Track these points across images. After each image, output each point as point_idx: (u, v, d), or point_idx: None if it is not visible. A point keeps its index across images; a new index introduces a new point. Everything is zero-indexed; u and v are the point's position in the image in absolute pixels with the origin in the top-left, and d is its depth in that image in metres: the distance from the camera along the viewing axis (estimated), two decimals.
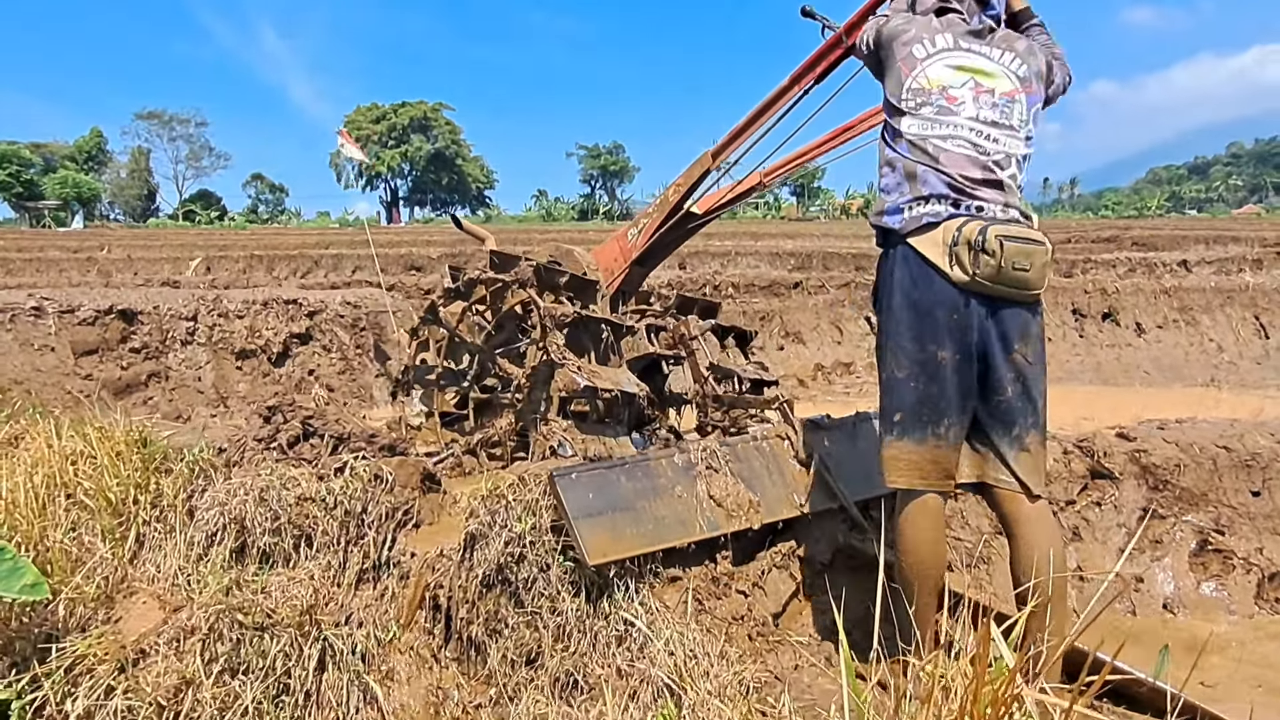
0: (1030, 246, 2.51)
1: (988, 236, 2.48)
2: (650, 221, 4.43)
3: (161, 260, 17.44)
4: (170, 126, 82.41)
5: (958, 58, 2.74)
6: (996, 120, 2.69)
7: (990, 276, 2.50)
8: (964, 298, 2.59)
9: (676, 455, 3.44)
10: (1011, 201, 2.64)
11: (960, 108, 2.68)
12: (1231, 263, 16.77)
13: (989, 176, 2.63)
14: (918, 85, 2.74)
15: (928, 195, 2.64)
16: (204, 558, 3.47)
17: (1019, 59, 2.77)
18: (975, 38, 2.78)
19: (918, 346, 2.66)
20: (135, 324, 6.17)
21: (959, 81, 2.70)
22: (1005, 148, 2.67)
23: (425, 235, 27.14)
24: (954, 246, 2.54)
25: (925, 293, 2.62)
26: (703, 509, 3.33)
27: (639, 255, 4.49)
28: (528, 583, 3.37)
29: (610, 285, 4.55)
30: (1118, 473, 4.42)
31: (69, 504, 3.65)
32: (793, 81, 3.83)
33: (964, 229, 2.53)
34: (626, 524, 3.18)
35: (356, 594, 3.46)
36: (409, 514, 3.68)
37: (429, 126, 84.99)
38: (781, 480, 3.57)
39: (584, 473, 3.25)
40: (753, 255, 16.80)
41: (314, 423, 3.88)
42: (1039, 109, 2.79)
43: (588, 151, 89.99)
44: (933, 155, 2.66)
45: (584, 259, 4.63)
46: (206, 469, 3.71)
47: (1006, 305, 2.60)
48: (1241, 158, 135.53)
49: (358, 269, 16.52)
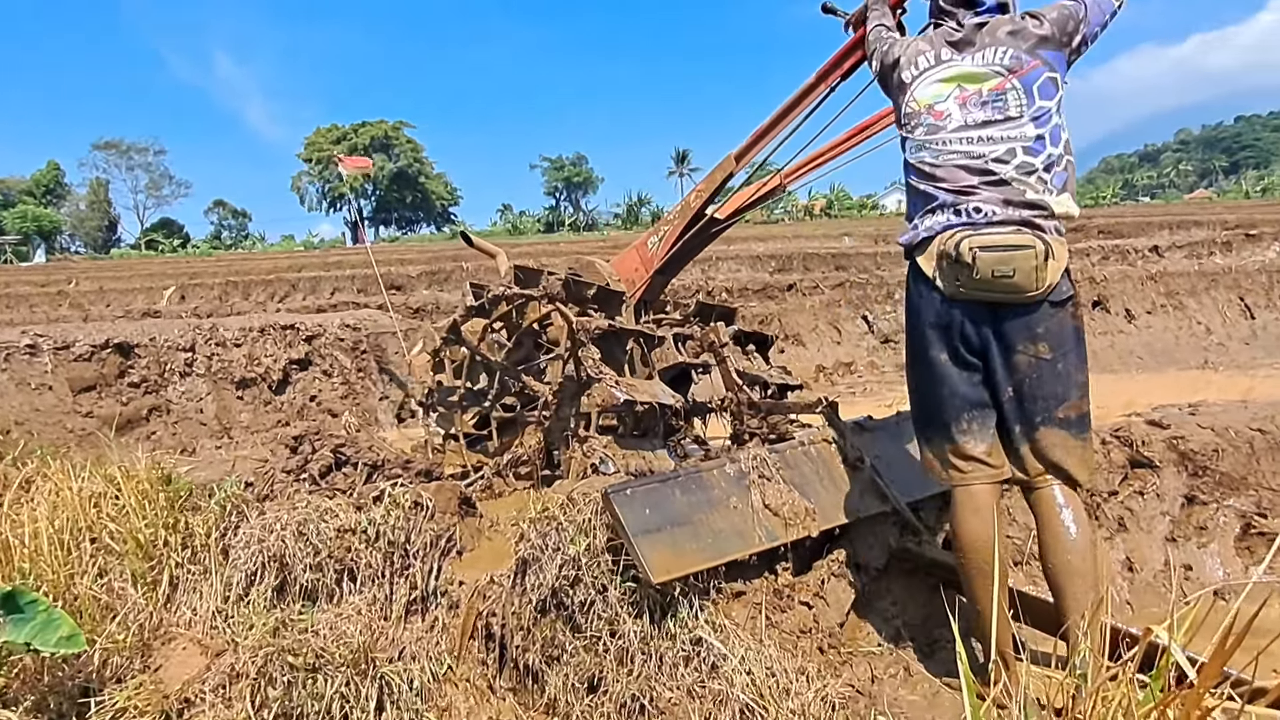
0: (1010, 253, 2.51)
1: (961, 249, 2.53)
2: (672, 229, 4.35)
3: (134, 291, 17.09)
4: (128, 156, 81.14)
5: (942, 70, 2.80)
6: (989, 119, 2.69)
7: (972, 286, 2.57)
8: (955, 307, 2.66)
9: (728, 465, 3.36)
10: (1015, 197, 2.60)
11: (946, 121, 2.74)
12: (1202, 246, 16.97)
13: (988, 179, 2.64)
14: (910, 109, 2.84)
15: (931, 208, 2.71)
16: (244, 598, 3.33)
17: (1003, 48, 2.73)
18: (956, 48, 2.81)
19: (926, 354, 2.78)
20: (132, 358, 5.98)
21: (944, 94, 2.76)
22: (1005, 143, 2.66)
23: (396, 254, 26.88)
24: (939, 260, 2.63)
25: (927, 305, 2.74)
26: (759, 519, 3.25)
27: (661, 264, 4.42)
28: (585, 606, 3.26)
29: (633, 296, 4.46)
30: (1157, 461, 4.38)
31: (94, 549, 3.50)
32: (819, 79, 3.77)
33: (947, 243, 2.59)
34: (686, 539, 3.09)
35: (406, 627, 3.33)
36: (451, 540, 3.55)
37: (390, 145, 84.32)
38: (833, 485, 3.50)
39: (638, 488, 3.15)
40: (733, 259, 16.76)
41: (345, 451, 3.75)
42: (1047, 77, 2.69)
43: (551, 163, 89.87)
44: (929, 175, 2.74)
45: (605, 270, 4.55)
46: (239, 505, 3.56)
47: (1004, 309, 2.62)
48: (1190, 144, 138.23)
49: (336, 290, 16.28)
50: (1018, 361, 2.65)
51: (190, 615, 3.33)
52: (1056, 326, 2.63)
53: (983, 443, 2.75)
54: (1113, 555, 4.22)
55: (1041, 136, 2.66)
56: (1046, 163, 2.64)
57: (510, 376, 4.39)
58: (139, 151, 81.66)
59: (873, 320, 9.35)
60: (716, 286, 9.86)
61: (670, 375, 4.52)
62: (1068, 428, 2.68)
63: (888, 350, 9.36)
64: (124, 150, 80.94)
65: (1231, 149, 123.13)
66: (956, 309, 2.66)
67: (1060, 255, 2.59)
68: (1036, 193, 2.60)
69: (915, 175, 2.79)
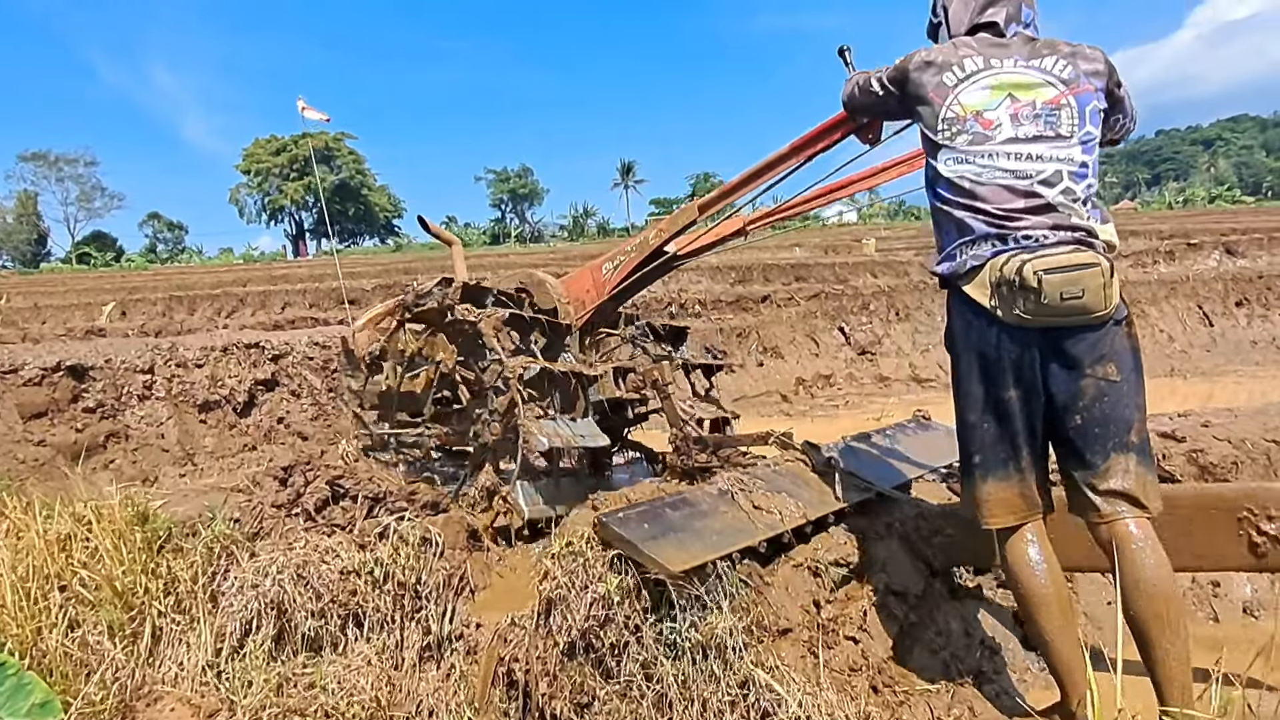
0: (1077, 272, 2.35)
1: (1025, 273, 2.36)
2: (628, 260, 4.30)
3: (71, 307, 16.33)
4: (58, 168, 78.04)
5: (991, 77, 2.58)
6: (1040, 134, 2.52)
7: (1037, 312, 2.39)
8: (1014, 336, 2.48)
9: (708, 487, 3.41)
10: (1064, 221, 2.47)
11: (996, 131, 2.54)
12: (1146, 255, 17.35)
13: (1033, 203, 2.48)
14: (951, 114, 2.59)
15: (972, 239, 2.52)
16: (238, 651, 3.01)
17: (1062, 60, 2.59)
18: (1008, 50, 2.62)
19: (984, 390, 2.59)
20: (87, 381, 5.55)
21: (994, 103, 2.56)
22: (1053, 163, 2.50)
23: (346, 267, 26.24)
24: (998, 287, 2.44)
25: (984, 336, 2.54)
26: (755, 516, 3.27)
27: (614, 291, 4.35)
28: (617, 648, 3.03)
29: (581, 318, 4.40)
30: (1178, 475, 4.28)
31: (64, 598, 3.14)
32: (793, 150, 3.68)
33: (1004, 268, 2.42)
34: (690, 540, 3.03)
35: (421, 677, 3.04)
36: (464, 579, 3.28)
37: (332, 157, 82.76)
38: (811, 487, 3.57)
39: (629, 512, 3.11)
40: (693, 270, 16.64)
41: (344, 482, 3.44)
42: (1096, 107, 2.57)
43: (496, 175, 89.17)
44: (969, 192, 2.54)
45: (555, 289, 4.43)
46: (228, 546, 3.23)
47: (1069, 332, 2.45)
48: (1114, 156, 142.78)
49: (287, 305, 15.74)
50: (1085, 386, 2.47)
51: (177, 671, 3.00)
52: (1122, 346, 2.49)
53: (1035, 482, 2.62)
54: None
55: (1086, 164, 2.53)
56: (1086, 193, 2.52)
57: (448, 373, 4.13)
58: (69, 163, 78.80)
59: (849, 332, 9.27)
60: (690, 299, 9.70)
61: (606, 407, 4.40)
62: (1138, 453, 2.52)
63: (865, 362, 9.27)
64: (53, 162, 78.04)
65: (1153, 162, 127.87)
66: (1015, 338, 2.48)
67: (1117, 271, 2.44)
68: (1081, 220, 2.47)
69: (952, 191, 2.57)
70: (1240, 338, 11.07)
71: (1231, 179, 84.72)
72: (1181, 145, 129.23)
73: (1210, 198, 63.00)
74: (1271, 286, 11.74)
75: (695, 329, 8.58)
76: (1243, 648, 3.87)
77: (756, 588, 3.16)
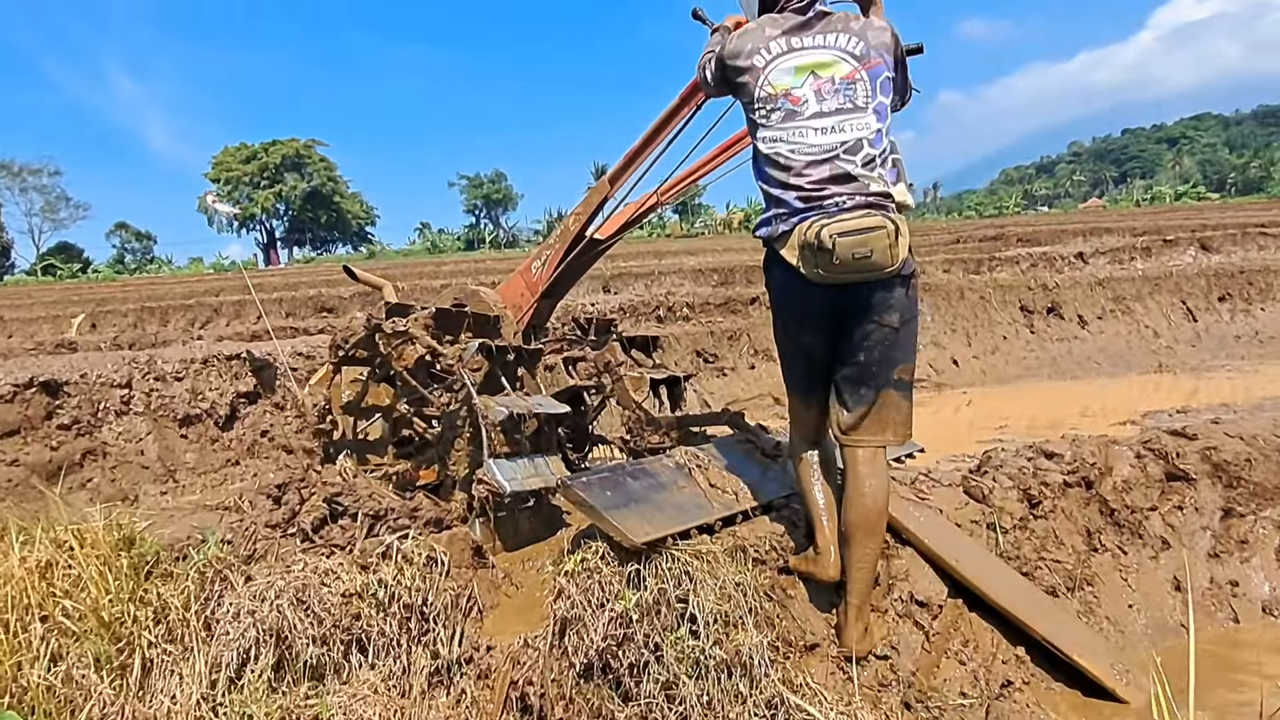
0: (866, 235, 2.63)
1: (822, 237, 2.64)
2: (554, 253, 4.34)
3: (38, 320, 15.87)
4: (21, 178, 76.05)
5: (794, 58, 2.82)
6: (839, 107, 2.77)
7: (833, 269, 2.68)
8: (816, 288, 2.78)
9: (665, 459, 3.51)
10: (862, 189, 2.73)
11: (804, 107, 2.79)
12: (1123, 252, 17.43)
13: (837, 171, 2.74)
14: (765, 93, 2.84)
15: (784, 213, 2.79)
16: (235, 682, 2.83)
17: (854, 37, 2.82)
18: (806, 30, 2.84)
19: (789, 330, 3.01)
20: (61, 396, 5.31)
21: (799, 81, 2.80)
22: (854, 132, 2.76)
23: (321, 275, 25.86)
24: (803, 249, 2.72)
25: (790, 287, 2.87)
26: (711, 494, 3.36)
27: (547, 287, 4.38)
28: (636, 668, 2.89)
29: (520, 321, 4.41)
30: (1192, 473, 4.20)
31: (45, 629, 2.94)
32: (682, 102, 3.79)
33: (807, 232, 2.70)
34: (651, 511, 3.10)
35: (430, 703, 2.88)
36: (472, 599, 3.12)
37: (303, 164, 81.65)
38: (760, 471, 3.66)
39: (592, 477, 3.20)
40: (676, 274, 16.49)
41: (342, 500, 3.27)
42: (887, 77, 2.84)
43: (469, 181, 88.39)
44: (785, 166, 2.79)
45: (490, 298, 4.46)
46: (221, 571, 3.05)
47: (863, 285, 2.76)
48: (1082, 155, 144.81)
49: (262, 316, 15.42)
50: (870, 331, 2.82)
51: (170, 705, 2.82)
52: (904, 297, 2.81)
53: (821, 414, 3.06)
54: (1159, 575, 4.03)
55: (880, 131, 2.79)
56: (884, 156, 2.79)
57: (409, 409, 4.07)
58: (32, 173, 76.88)
59: None
60: (677, 302, 9.56)
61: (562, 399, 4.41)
62: (902, 389, 2.91)
63: None
64: (15, 172, 76.16)
65: (1120, 160, 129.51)
66: (817, 289, 2.78)
67: (905, 232, 2.72)
68: (879, 185, 2.74)
69: (771, 166, 2.83)
70: (1224, 332, 11.11)
71: (1196, 176, 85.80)
72: (1147, 144, 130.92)
73: (1177, 195, 63.70)
74: (1253, 281, 11.82)
75: (685, 333, 8.46)
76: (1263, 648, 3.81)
77: (780, 601, 3.04)
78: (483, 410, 3.57)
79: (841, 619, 2.98)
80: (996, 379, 9.74)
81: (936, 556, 3.38)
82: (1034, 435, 6.91)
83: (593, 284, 16.31)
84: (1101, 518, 4.08)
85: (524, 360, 4.18)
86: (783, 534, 3.30)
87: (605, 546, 3.02)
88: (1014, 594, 3.38)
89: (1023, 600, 3.37)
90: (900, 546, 3.42)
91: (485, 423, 3.56)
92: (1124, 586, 3.98)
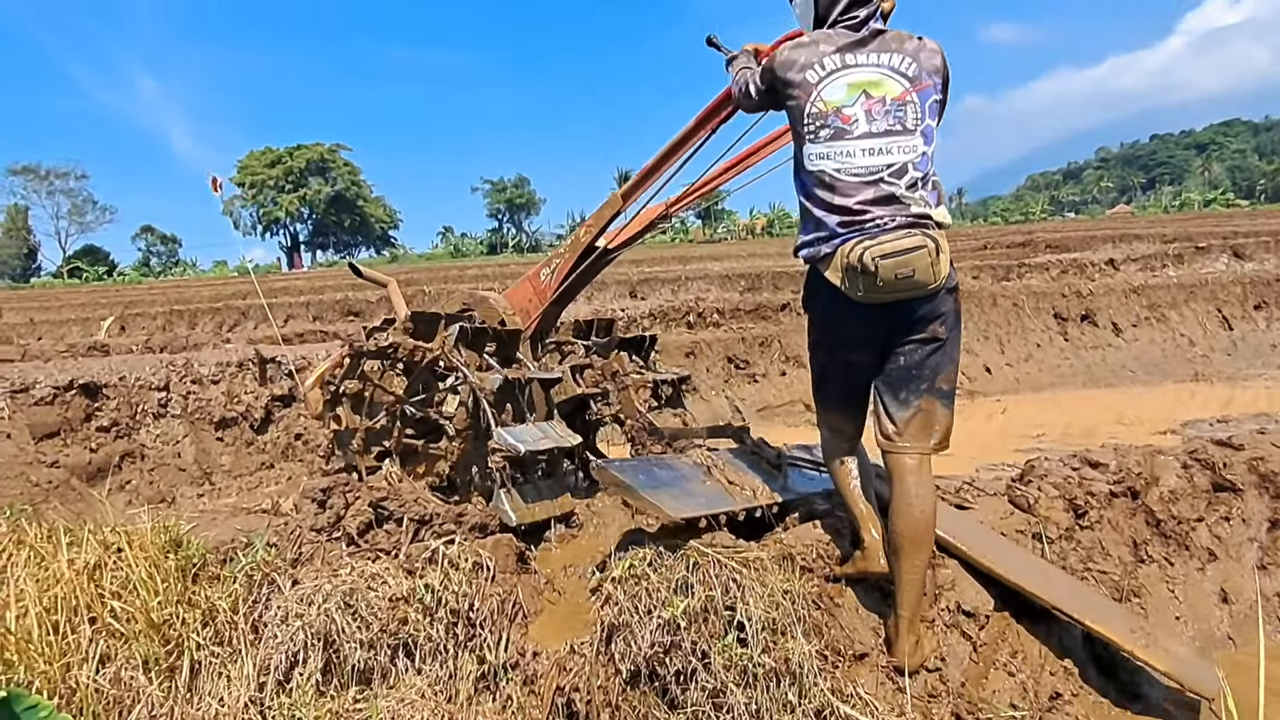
0: (908, 255, 2.66)
1: (864, 259, 2.66)
2: (563, 262, 4.41)
3: (67, 322, 16.09)
4: (48, 181, 77.23)
5: (847, 75, 2.80)
6: (889, 128, 2.77)
7: (878, 289, 2.70)
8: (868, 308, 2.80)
9: (684, 457, 3.68)
10: (904, 212, 2.74)
11: (854, 126, 2.77)
12: (1155, 259, 17.24)
13: (881, 193, 2.75)
14: (816, 110, 2.81)
15: (825, 235, 2.80)
16: (284, 685, 2.83)
17: (907, 57, 2.82)
18: (860, 47, 2.83)
19: (831, 348, 3.03)
20: (100, 399, 5.36)
21: (851, 99, 2.78)
22: (901, 155, 2.76)
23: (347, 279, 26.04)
24: (846, 271, 2.74)
25: (834, 307, 2.89)
26: (732, 489, 3.46)
27: (555, 296, 4.45)
28: (683, 676, 2.87)
29: (528, 327, 4.48)
30: (1239, 484, 4.13)
31: (94, 630, 2.96)
32: (698, 124, 3.83)
33: (849, 254, 2.71)
34: (682, 495, 3.22)
35: (476, 709, 2.87)
36: (517, 605, 3.11)
37: (327, 169, 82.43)
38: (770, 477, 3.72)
39: (625, 463, 3.39)
40: (702, 279, 16.49)
41: (387, 504, 3.27)
42: (935, 100, 2.84)
43: (493, 186, 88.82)
44: (829, 186, 2.78)
45: (499, 304, 4.52)
46: (269, 574, 3.05)
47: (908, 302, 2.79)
48: (1110, 161, 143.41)
49: (291, 318, 15.54)
50: (917, 343, 2.86)
51: (217, 708, 2.82)
52: (949, 309, 2.86)
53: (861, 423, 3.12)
54: (1206, 587, 3.96)
55: (926, 154, 2.80)
56: (926, 178, 2.79)
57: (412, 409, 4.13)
58: (59, 176, 78.10)
59: None
60: (707, 307, 9.52)
61: (569, 408, 4.55)
62: (944, 397, 2.93)
63: None
64: (43, 175, 77.36)
65: (1148, 166, 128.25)
66: (865, 309, 2.81)
67: (945, 249, 2.74)
68: (920, 207, 2.75)
69: (816, 184, 2.82)
70: (1260, 341, 10.94)
71: (1225, 183, 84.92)
72: (1175, 150, 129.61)
73: (1205, 201, 63.08)
74: None
75: (717, 339, 8.43)
76: None
77: (828, 609, 3.01)
78: (479, 384, 3.73)
79: (892, 632, 2.95)
80: (1030, 386, 9.64)
81: (981, 564, 3.33)
82: (1070, 444, 6.84)
83: (619, 289, 16.35)
84: (1148, 528, 4.02)
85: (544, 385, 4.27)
86: (829, 542, 3.28)
87: (653, 553, 3.00)
88: (1070, 595, 3.32)
89: (1080, 601, 3.31)
90: (945, 556, 3.38)
91: (484, 394, 3.72)
92: (1171, 598, 3.92)
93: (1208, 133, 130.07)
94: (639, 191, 4.17)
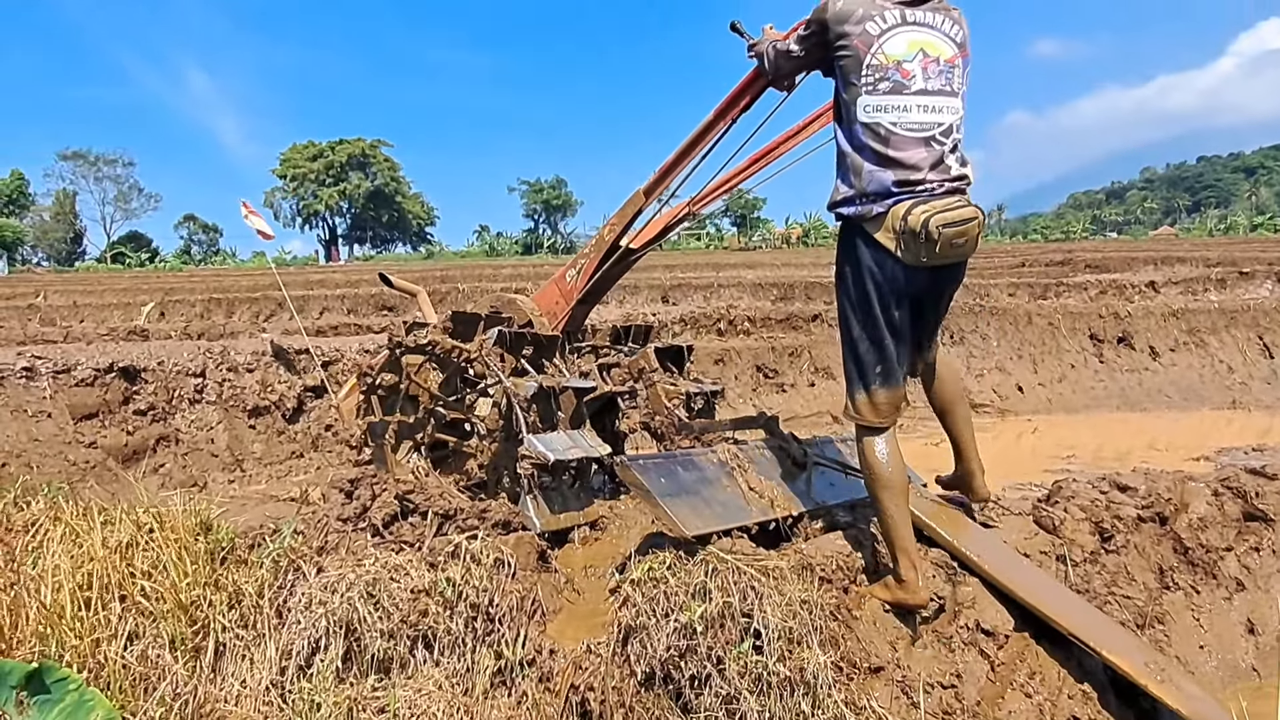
0: (965, 226, 2.78)
1: (929, 226, 2.73)
2: (589, 262, 4.42)
3: (109, 306, 16.39)
4: (96, 167, 78.85)
5: (907, 32, 2.82)
6: (941, 88, 2.83)
7: (932, 256, 2.81)
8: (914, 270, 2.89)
9: (710, 454, 3.64)
10: (950, 174, 2.84)
11: (911, 82, 2.80)
12: (1197, 283, 16.94)
13: (933, 154, 2.82)
14: (876, 61, 2.80)
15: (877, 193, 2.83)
16: (305, 670, 2.88)
17: (955, 24, 2.90)
18: (917, 6, 2.85)
19: (874, 310, 2.99)
20: (138, 383, 5.48)
21: (910, 55, 2.81)
22: (949, 116, 2.84)
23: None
24: (901, 234, 2.80)
25: (882, 270, 2.92)
26: (750, 498, 3.47)
27: (582, 296, 4.47)
28: (697, 680, 2.88)
29: (555, 328, 4.51)
30: (1271, 514, 4.07)
31: (124, 608, 3.03)
32: (718, 116, 3.80)
33: (908, 218, 2.77)
34: (700, 505, 3.25)
35: (491, 703, 2.90)
36: (536, 602, 3.14)
37: (367, 164, 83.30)
38: (790, 479, 3.78)
39: (648, 461, 3.38)
40: (735, 287, 16.46)
41: (413, 498, 3.32)
42: (970, 66, 2.94)
43: (530, 186, 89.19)
44: (883, 139, 2.80)
45: (527, 306, 4.57)
46: (295, 561, 3.11)
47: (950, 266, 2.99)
48: (1154, 182, 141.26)
49: (326, 310, 15.73)
50: (948, 297, 3.17)
51: (240, 689, 2.88)
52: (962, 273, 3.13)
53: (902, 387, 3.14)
54: (1233, 617, 3.90)
55: (963, 118, 2.90)
56: (961, 139, 2.90)
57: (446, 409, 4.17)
58: (107, 163, 79.65)
59: None
60: (738, 315, 9.53)
61: (596, 406, 4.56)
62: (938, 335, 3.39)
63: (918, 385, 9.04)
64: (92, 161, 78.92)
65: (1194, 188, 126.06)
66: (917, 271, 2.89)
67: None
68: (958, 167, 2.87)
69: (870, 135, 2.82)
70: None
71: (1273, 207, 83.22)
72: (1223, 172, 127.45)
73: (1252, 226, 61.87)
74: None
75: (746, 347, 8.42)
76: None
77: (845, 621, 3.01)
78: (513, 389, 3.76)
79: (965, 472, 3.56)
80: (1063, 408, 9.52)
81: (1001, 583, 3.31)
82: (1101, 467, 6.76)
83: (651, 293, 16.37)
84: (1175, 555, 3.96)
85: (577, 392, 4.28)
86: (849, 553, 3.28)
87: (673, 557, 3.02)
88: (1087, 622, 3.29)
89: (1098, 630, 3.28)
90: (966, 574, 3.37)
91: (517, 400, 3.76)
92: (1196, 626, 3.86)
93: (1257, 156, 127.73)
94: (661, 187, 4.17)
